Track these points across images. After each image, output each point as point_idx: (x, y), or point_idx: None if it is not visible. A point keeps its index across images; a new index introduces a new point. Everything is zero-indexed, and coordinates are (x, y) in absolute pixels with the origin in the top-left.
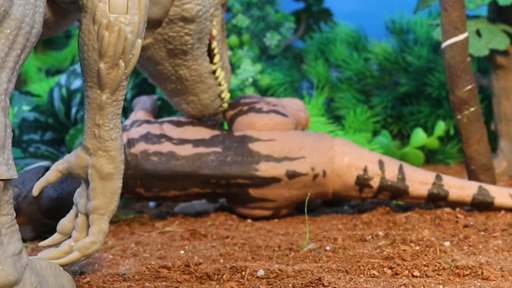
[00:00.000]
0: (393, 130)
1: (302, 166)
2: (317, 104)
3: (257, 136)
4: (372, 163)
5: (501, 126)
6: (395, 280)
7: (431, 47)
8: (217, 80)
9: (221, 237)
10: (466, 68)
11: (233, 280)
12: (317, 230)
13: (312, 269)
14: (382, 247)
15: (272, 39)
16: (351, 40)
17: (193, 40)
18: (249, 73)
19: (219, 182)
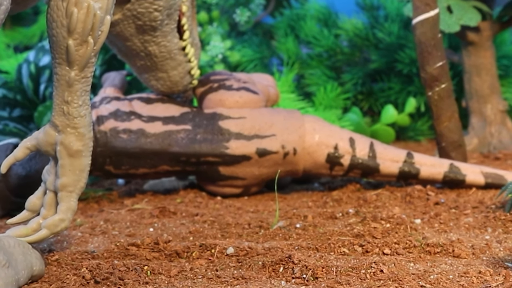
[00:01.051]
0: (364, 107)
1: (272, 144)
2: (287, 80)
3: (227, 114)
4: (343, 141)
5: (472, 103)
6: (365, 258)
7: (401, 24)
8: (187, 57)
9: (191, 214)
10: (437, 45)
11: (203, 258)
12: (287, 208)
13: (282, 247)
14: (353, 225)
15: (242, 15)
16: (321, 17)
17: (163, 16)
18: (219, 49)
19: (189, 160)
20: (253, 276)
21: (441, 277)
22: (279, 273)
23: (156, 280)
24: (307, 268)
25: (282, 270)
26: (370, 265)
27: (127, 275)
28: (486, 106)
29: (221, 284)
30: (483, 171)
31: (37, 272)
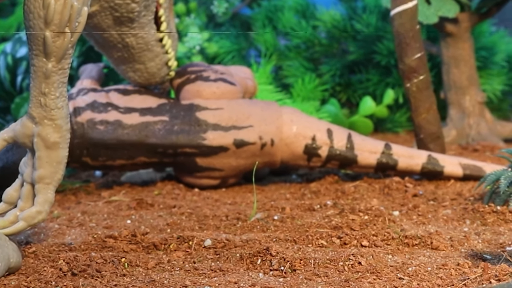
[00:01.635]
0: (342, 98)
1: (250, 135)
2: (265, 72)
3: (204, 105)
4: (321, 132)
5: (450, 94)
6: (343, 250)
7: (380, 15)
8: (164, 48)
9: (168, 206)
10: (415, 36)
11: (180, 250)
12: (265, 200)
13: (260, 239)
14: (331, 217)
15: (220, 6)
16: (299, 8)
17: (140, 7)
18: (196, 41)
19: (166, 151)
20: (230, 268)
21: (419, 269)
22: (257, 265)
23: (134, 272)
24: (285, 260)
25: (260, 262)
26: (348, 257)
27: (104, 267)
28: (465, 97)
29: (199, 276)
30: (461, 162)
31: (14, 264)
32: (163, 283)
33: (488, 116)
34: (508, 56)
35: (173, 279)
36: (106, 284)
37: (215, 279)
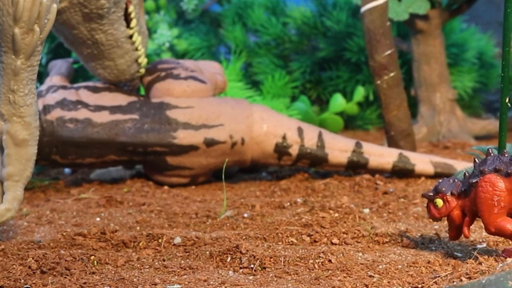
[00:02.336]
0: (312, 95)
1: (220, 134)
2: (235, 69)
3: (175, 103)
4: (291, 131)
5: (421, 91)
6: (313, 248)
7: (350, 12)
8: (134, 45)
9: (138, 204)
10: (386, 33)
11: (150, 248)
12: (234, 197)
13: (230, 237)
14: (301, 214)
15: (189, 3)
16: (269, 5)
17: (109, 4)
18: (166, 38)
19: (136, 149)
20: (200, 266)
21: (389, 267)
22: (227, 263)
23: (103, 270)
24: (255, 258)
25: (229, 260)
26: (318, 255)
27: (73, 265)
28: (435, 94)
29: (168, 274)
30: (432, 160)
31: None
32: (132, 281)
33: (458, 113)
34: (479, 53)
35: (142, 277)
36: (75, 282)
37: (185, 277)
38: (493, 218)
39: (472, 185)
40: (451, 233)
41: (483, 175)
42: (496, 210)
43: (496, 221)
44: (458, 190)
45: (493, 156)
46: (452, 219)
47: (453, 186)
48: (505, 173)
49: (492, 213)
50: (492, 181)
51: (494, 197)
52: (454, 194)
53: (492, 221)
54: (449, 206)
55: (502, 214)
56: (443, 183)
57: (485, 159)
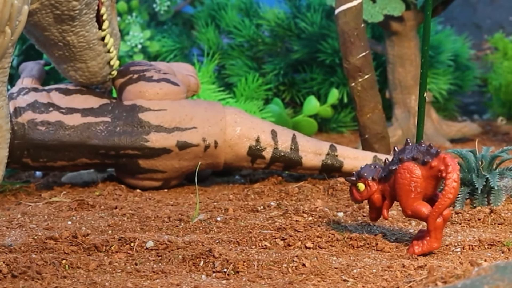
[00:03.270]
0: (286, 98)
1: (193, 137)
2: (208, 71)
3: (147, 106)
4: (265, 133)
5: (395, 94)
6: (287, 252)
7: (324, 13)
8: (106, 47)
9: (110, 207)
10: (360, 35)
11: (122, 252)
12: (207, 201)
13: (203, 240)
14: (274, 218)
15: (162, 4)
16: (242, 6)
17: (81, 5)
18: (138, 39)
19: (108, 152)
20: (173, 270)
21: (364, 271)
22: (200, 267)
23: (75, 274)
24: (228, 262)
25: (202, 264)
26: (292, 259)
27: (45, 269)
28: (410, 97)
29: (140, 278)
30: None
31: None
32: (104, 285)
33: (434, 116)
34: (454, 55)
35: (114, 281)
36: (47, 286)
37: (157, 281)
38: (410, 202)
39: (391, 172)
40: (372, 215)
41: (402, 163)
42: (413, 195)
43: (413, 205)
44: (379, 175)
45: (412, 145)
46: (373, 202)
47: (374, 171)
48: (421, 161)
49: (409, 197)
50: (410, 169)
51: (411, 183)
52: (375, 179)
53: (409, 205)
54: (370, 190)
55: (418, 199)
56: (365, 169)
57: (404, 148)
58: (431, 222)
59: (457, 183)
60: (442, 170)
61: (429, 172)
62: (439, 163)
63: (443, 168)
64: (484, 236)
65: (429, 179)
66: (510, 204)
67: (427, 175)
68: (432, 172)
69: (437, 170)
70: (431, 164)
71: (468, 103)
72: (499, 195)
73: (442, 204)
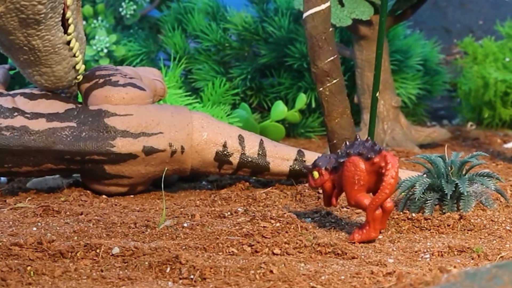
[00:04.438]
0: (253, 102)
1: (159, 142)
2: (174, 76)
3: (113, 111)
4: (232, 139)
5: (364, 98)
6: (255, 258)
7: (292, 17)
8: (72, 51)
9: (75, 213)
10: (328, 39)
11: (87, 258)
12: (174, 206)
13: (169, 247)
14: (242, 224)
15: (128, 8)
16: (209, 10)
17: (46, 9)
18: (104, 43)
19: (74, 158)
20: (139, 276)
21: (332, 278)
22: (166, 274)
23: (40, 280)
24: (195, 269)
25: (169, 270)
26: (259, 266)
27: (9, 276)
28: (379, 102)
29: (106, 285)
30: None
31: None
32: None
33: (402, 121)
34: (423, 60)
35: None
36: None
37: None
38: (354, 193)
39: (340, 164)
40: (324, 201)
41: (349, 157)
42: (356, 187)
43: (356, 196)
44: (331, 166)
45: (360, 141)
46: (325, 189)
47: (328, 162)
48: (366, 157)
49: (353, 189)
50: (355, 163)
51: (356, 176)
52: (327, 169)
53: (353, 195)
54: (323, 179)
55: (361, 191)
56: (321, 159)
57: (353, 143)
58: (370, 213)
59: (394, 180)
60: (382, 167)
61: (371, 167)
62: (381, 159)
63: (383, 165)
64: (453, 243)
65: (371, 173)
66: (480, 210)
67: (370, 170)
68: (374, 168)
69: (378, 166)
70: (373, 160)
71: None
72: (468, 201)
73: (379, 198)
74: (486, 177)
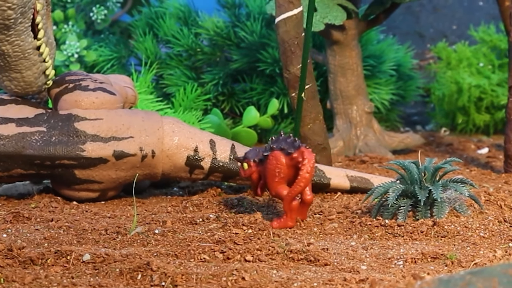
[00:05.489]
0: (225, 108)
1: (130, 147)
2: (146, 81)
3: (83, 115)
4: (203, 143)
5: (337, 104)
6: (226, 265)
7: (264, 22)
8: (42, 57)
9: (46, 220)
10: (301, 44)
11: (58, 265)
12: (145, 213)
13: (141, 253)
14: (213, 230)
15: (98, 13)
16: (181, 15)
17: (16, 14)
18: (75, 49)
19: (44, 163)
20: (110, 283)
21: (305, 285)
22: (137, 281)
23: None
24: (166, 276)
25: (140, 277)
26: (231, 273)
27: None
28: (352, 107)
29: None
30: (348, 174)
31: None
32: None
33: (376, 127)
34: (396, 65)
35: None
36: None
37: None
38: (275, 185)
39: (265, 157)
40: (253, 191)
41: (272, 151)
42: (277, 179)
43: (276, 187)
44: (258, 158)
45: (283, 137)
46: (253, 180)
47: (256, 154)
48: (286, 152)
49: (274, 181)
50: (277, 157)
51: (276, 169)
52: (255, 161)
53: (274, 187)
54: (251, 170)
55: (281, 183)
56: (251, 152)
57: (277, 138)
58: (286, 204)
59: (309, 174)
60: (300, 162)
61: (291, 162)
62: (299, 155)
63: (301, 160)
64: (427, 249)
65: (290, 167)
66: (454, 216)
67: (290, 164)
68: (293, 162)
69: (297, 161)
70: (293, 155)
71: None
72: (442, 207)
73: (295, 190)
74: (459, 183)
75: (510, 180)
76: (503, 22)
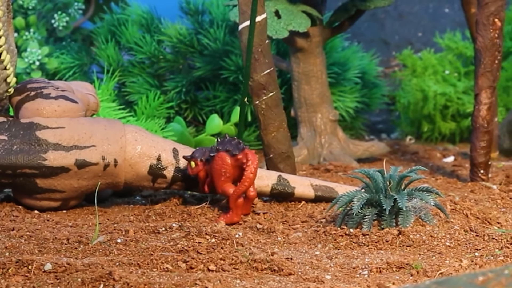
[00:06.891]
0: (188, 116)
1: (92, 155)
2: (108, 89)
3: (45, 123)
4: (166, 152)
5: (301, 112)
6: (189, 275)
7: (227, 29)
8: (3, 64)
9: (7, 229)
10: (264, 51)
11: (19, 275)
12: (107, 222)
13: (103, 263)
14: (176, 240)
15: (60, 20)
16: (143, 22)
17: None
18: (36, 56)
19: (5, 172)
20: None
21: None
22: None
23: None
24: (129, 285)
25: (102, 287)
26: (194, 282)
27: None
28: (316, 115)
29: None
30: (312, 183)
31: None
32: None
33: (340, 135)
34: (361, 72)
35: None
36: None
37: None
38: (221, 183)
39: (211, 158)
40: (200, 187)
41: (218, 152)
42: (223, 178)
43: (223, 186)
44: (205, 158)
45: (228, 139)
46: (200, 178)
47: (203, 154)
48: (231, 153)
49: (220, 179)
50: (222, 158)
51: (222, 169)
52: (202, 160)
53: (220, 185)
54: (198, 168)
55: (227, 182)
56: (198, 151)
57: (223, 140)
58: (232, 201)
59: (253, 174)
60: (244, 163)
61: (236, 163)
62: (243, 156)
63: (245, 161)
64: (392, 259)
65: (235, 168)
66: (419, 225)
67: (235, 165)
68: (237, 163)
69: (241, 162)
70: (237, 156)
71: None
72: (407, 216)
73: (240, 189)
74: (425, 192)
75: (476, 189)
76: (469, 29)
